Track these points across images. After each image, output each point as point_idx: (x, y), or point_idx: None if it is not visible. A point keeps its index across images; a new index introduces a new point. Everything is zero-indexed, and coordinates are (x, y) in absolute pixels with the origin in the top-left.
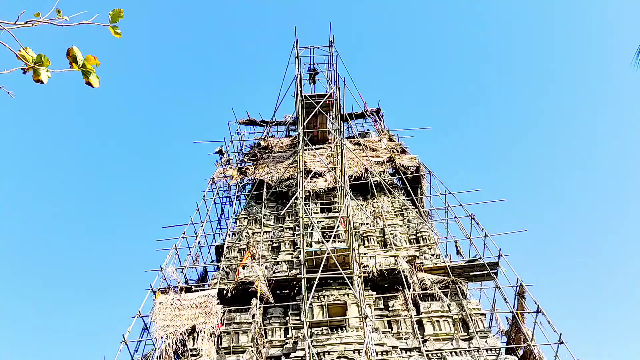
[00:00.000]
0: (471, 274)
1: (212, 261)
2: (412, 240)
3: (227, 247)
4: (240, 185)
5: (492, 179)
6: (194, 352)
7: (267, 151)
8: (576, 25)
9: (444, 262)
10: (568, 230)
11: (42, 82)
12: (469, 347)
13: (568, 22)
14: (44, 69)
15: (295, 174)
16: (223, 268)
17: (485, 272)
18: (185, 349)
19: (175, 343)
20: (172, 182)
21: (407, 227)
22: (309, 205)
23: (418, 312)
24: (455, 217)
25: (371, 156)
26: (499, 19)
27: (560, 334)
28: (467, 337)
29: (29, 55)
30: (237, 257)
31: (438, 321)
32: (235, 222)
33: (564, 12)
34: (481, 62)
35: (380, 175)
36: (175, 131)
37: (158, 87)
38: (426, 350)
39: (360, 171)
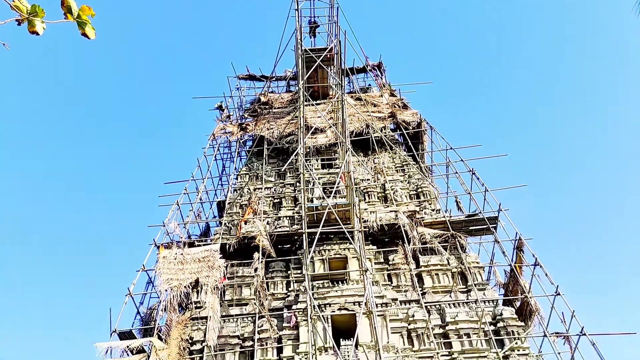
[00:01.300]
0: (471, 228)
1: (214, 217)
2: (412, 196)
3: (229, 203)
4: (241, 141)
5: (493, 134)
6: (198, 305)
7: (267, 107)
8: None
9: (444, 217)
10: (568, 184)
11: (37, 34)
12: (467, 299)
13: None
14: (38, 20)
15: (296, 129)
16: (225, 223)
17: (485, 226)
18: (189, 301)
19: (180, 296)
20: (173, 138)
21: (408, 182)
22: (309, 162)
23: (417, 265)
24: (456, 173)
25: (372, 112)
26: None
27: (557, 286)
28: (465, 289)
29: (23, 6)
30: (238, 212)
31: (437, 274)
32: (237, 178)
33: None
34: (484, 16)
35: (381, 131)
36: (174, 86)
37: (156, 41)
38: (425, 302)
39: (361, 127)
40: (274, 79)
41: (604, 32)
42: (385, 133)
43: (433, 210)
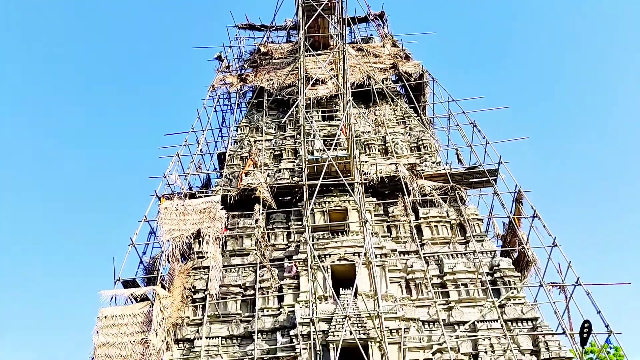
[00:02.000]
0: (470, 180)
1: (215, 169)
2: (413, 148)
3: (229, 155)
4: (241, 92)
5: (496, 87)
6: (200, 255)
7: (267, 57)
8: None
9: (444, 169)
10: (569, 137)
11: None
12: (465, 250)
13: None
14: None
15: (296, 81)
16: (226, 175)
17: (485, 178)
18: (191, 251)
19: (182, 246)
20: (172, 89)
21: (409, 135)
22: (310, 113)
23: (417, 217)
24: (457, 125)
25: (374, 62)
26: None
27: (555, 238)
28: (463, 241)
29: None
30: (239, 164)
31: (436, 226)
32: (237, 130)
33: None
34: None
35: (382, 82)
36: (173, 36)
37: None
38: (424, 253)
39: (363, 78)
40: (273, 28)
41: None
42: (387, 84)
43: (433, 162)
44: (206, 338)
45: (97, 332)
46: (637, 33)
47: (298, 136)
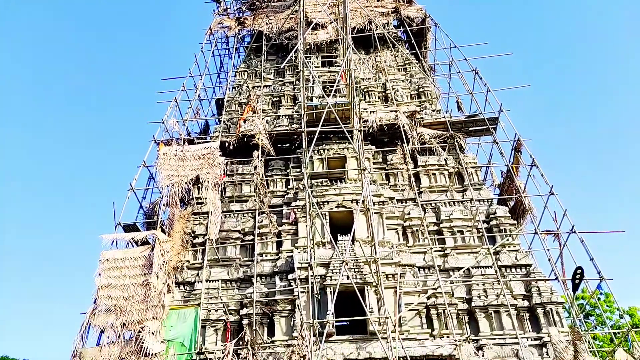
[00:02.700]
0: (470, 129)
1: (213, 115)
2: (413, 96)
3: (228, 101)
4: (239, 36)
5: (500, 33)
6: (199, 200)
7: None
8: None
9: (444, 117)
10: (571, 85)
11: None
12: (463, 198)
13: None
14: None
15: (296, 25)
16: (224, 122)
17: (485, 127)
18: (190, 197)
19: (181, 191)
20: (169, 33)
21: (409, 82)
22: (309, 59)
23: (415, 165)
24: (459, 72)
25: (375, 6)
26: None
27: (552, 186)
28: (461, 189)
29: None
30: (237, 110)
31: (434, 174)
32: (235, 76)
33: None
34: None
35: (384, 27)
36: None
37: None
38: (421, 201)
39: (364, 23)
40: None
41: None
42: (388, 30)
43: (433, 110)
44: (206, 281)
45: (100, 274)
46: None
47: (297, 82)
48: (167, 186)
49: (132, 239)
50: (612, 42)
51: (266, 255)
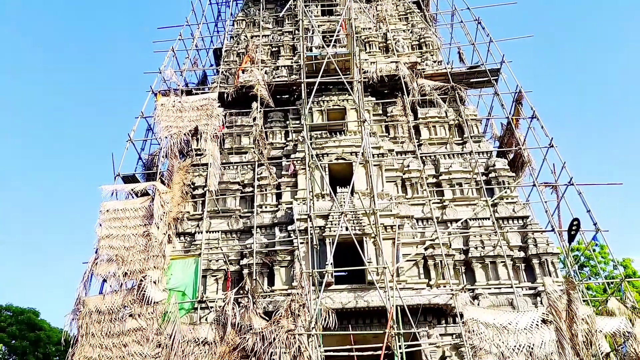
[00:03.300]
0: (471, 80)
1: (211, 65)
2: (414, 46)
3: (226, 51)
4: None
5: None
6: (198, 152)
7: None
8: None
9: (445, 68)
10: (574, 37)
11: None
12: (462, 150)
13: None
14: None
15: None
16: (222, 72)
17: (486, 78)
18: (189, 148)
19: (180, 143)
20: None
21: (411, 32)
22: (309, 7)
23: (415, 117)
24: (461, 22)
25: None
26: None
27: (552, 138)
28: (461, 141)
29: None
30: (236, 61)
31: (434, 126)
32: (233, 25)
33: None
34: None
35: None
36: None
37: None
38: (421, 153)
39: None
40: None
41: None
42: None
43: (435, 61)
44: (206, 232)
45: (100, 224)
46: None
47: (296, 32)
48: (166, 137)
49: (132, 190)
50: None
51: (266, 207)
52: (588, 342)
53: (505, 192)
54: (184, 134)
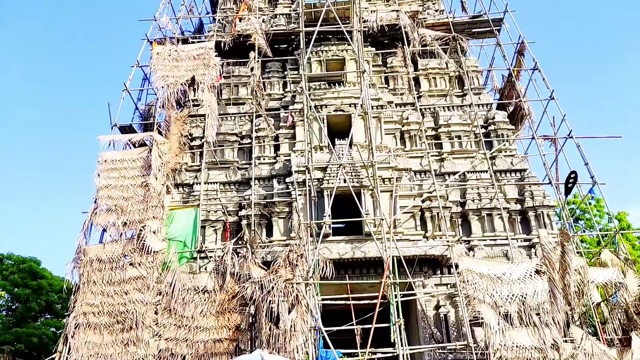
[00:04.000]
0: (473, 30)
1: (208, 13)
2: None
3: None
4: None
5: None
6: (196, 102)
7: None
8: None
9: (447, 17)
10: None
11: None
12: (462, 102)
13: None
14: None
15: None
16: (219, 20)
17: (488, 28)
18: (186, 99)
19: (177, 93)
20: None
21: None
22: None
23: (415, 68)
24: None
25: None
26: None
27: (552, 91)
28: (461, 93)
29: None
30: (232, 8)
31: (434, 78)
32: None
33: None
34: None
35: None
36: None
37: None
38: (420, 106)
39: None
40: None
41: None
42: None
43: (436, 10)
44: (205, 183)
45: (99, 175)
46: None
47: None
48: (162, 87)
49: (130, 140)
50: None
51: (264, 159)
52: (580, 292)
53: (504, 145)
54: (181, 84)
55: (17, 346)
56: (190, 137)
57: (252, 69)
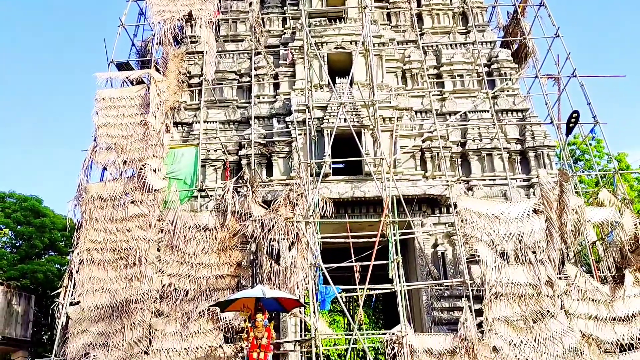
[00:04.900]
0: None
1: None
2: None
3: None
4: None
5: None
6: (193, 39)
7: None
8: None
9: None
10: None
11: None
12: (465, 40)
13: None
14: None
15: None
16: None
17: None
18: (184, 35)
19: (174, 29)
20: None
21: None
22: None
23: (419, 4)
24: None
25: None
26: None
27: (558, 28)
28: (464, 31)
29: None
30: None
31: (438, 14)
32: None
33: None
34: None
35: None
36: None
37: None
38: (422, 43)
39: None
40: None
41: None
42: None
43: None
44: (204, 122)
45: (97, 113)
46: None
47: None
48: (159, 22)
49: (127, 77)
50: None
51: (263, 97)
52: (576, 231)
53: (507, 84)
54: (178, 19)
55: (23, 282)
56: (188, 75)
57: (250, 4)
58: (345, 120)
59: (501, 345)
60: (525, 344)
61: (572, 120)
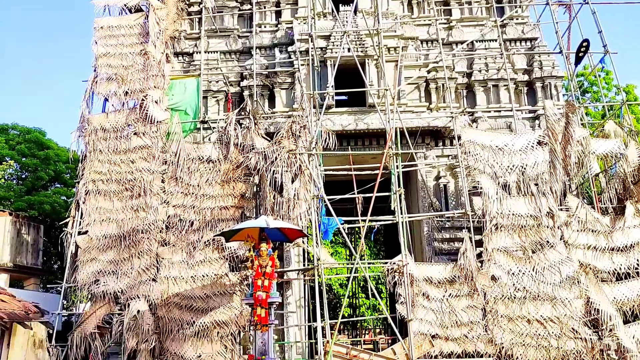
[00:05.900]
0: None
1: None
2: None
3: None
4: None
5: None
6: None
7: None
8: None
9: None
10: None
11: None
12: None
13: None
14: None
15: None
16: None
17: None
18: None
19: None
20: None
21: None
22: None
23: None
24: None
25: None
26: None
27: None
28: None
29: None
30: None
31: None
32: None
33: None
34: None
35: None
36: None
37: None
38: None
39: None
40: None
41: None
42: None
43: None
44: (205, 52)
45: (96, 42)
46: None
47: None
48: None
49: (125, 5)
50: None
51: (265, 27)
52: (580, 163)
53: (516, 12)
54: None
55: (31, 212)
56: (188, 3)
57: None
58: (349, 50)
59: (500, 274)
60: (523, 273)
61: (582, 49)
